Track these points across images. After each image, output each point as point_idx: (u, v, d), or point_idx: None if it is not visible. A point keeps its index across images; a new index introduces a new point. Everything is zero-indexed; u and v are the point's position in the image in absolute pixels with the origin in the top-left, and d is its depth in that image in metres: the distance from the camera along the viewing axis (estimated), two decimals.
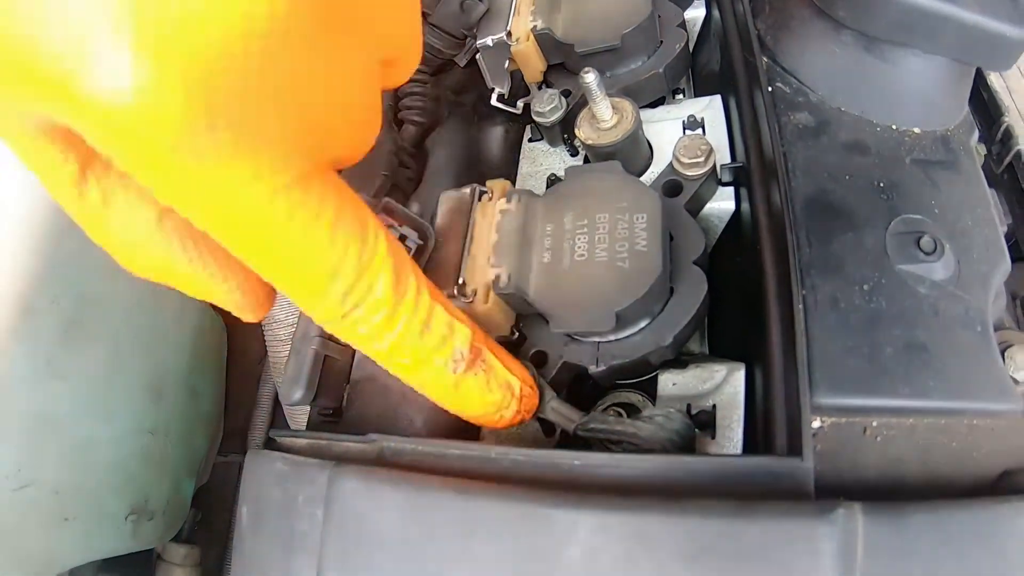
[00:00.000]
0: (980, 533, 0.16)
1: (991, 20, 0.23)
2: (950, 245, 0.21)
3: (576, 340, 0.23)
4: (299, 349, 0.27)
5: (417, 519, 0.16)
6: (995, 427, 0.20)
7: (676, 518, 0.15)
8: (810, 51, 0.25)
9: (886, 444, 0.19)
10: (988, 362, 0.20)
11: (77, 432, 0.29)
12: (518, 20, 0.34)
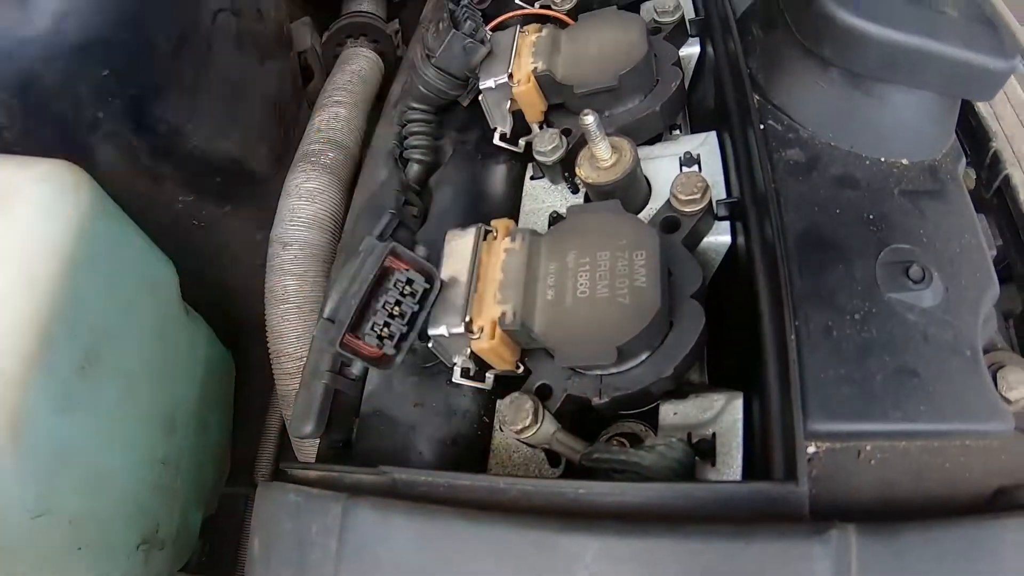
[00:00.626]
0: (974, 550, 0.17)
1: (974, 54, 0.25)
2: (938, 273, 0.23)
3: (579, 373, 0.25)
4: (309, 384, 0.29)
5: (431, 548, 0.18)
6: (988, 447, 0.22)
7: (678, 543, 0.16)
8: (799, 89, 0.28)
9: (880, 467, 0.20)
10: (978, 385, 0.21)
11: (92, 462, 0.31)
12: (519, 62, 0.37)
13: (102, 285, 0.30)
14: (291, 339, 0.39)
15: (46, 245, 0.27)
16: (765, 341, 0.22)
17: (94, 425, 0.30)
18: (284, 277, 0.39)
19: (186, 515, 0.39)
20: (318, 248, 0.41)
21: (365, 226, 0.32)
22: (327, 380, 0.28)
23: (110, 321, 0.31)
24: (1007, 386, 0.25)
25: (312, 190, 0.41)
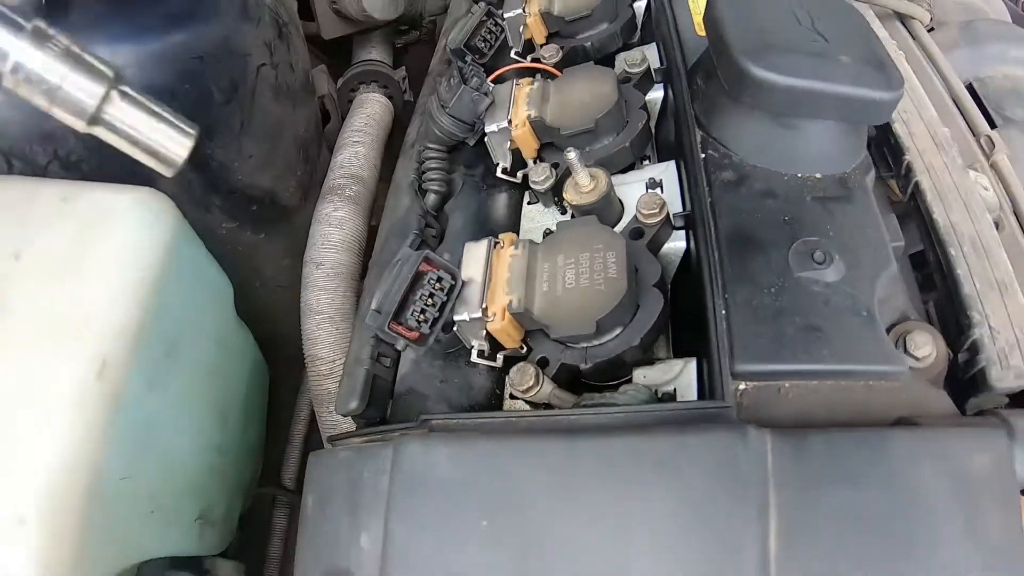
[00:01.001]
0: (868, 451, 0.25)
1: (863, 89, 0.35)
2: (841, 256, 0.32)
3: (569, 347, 0.33)
4: (352, 370, 0.37)
5: (468, 465, 0.26)
6: (889, 387, 0.30)
7: (640, 439, 0.24)
8: (730, 125, 0.38)
9: (796, 401, 0.28)
10: (872, 336, 0.30)
11: (167, 440, 0.38)
12: (516, 110, 0.47)
13: (179, 292, 0.39)
14: (324, 345, 0.46)
15: (140, 258, 0.36)
16: (707, 314, 0.30)
17: (170, 407, 0.38)
18: (318, 292, 0.47)
19: (231, 502, 0.45)
20: (346, 267, 0.50)
21: (394, 244, 0.41)
22: (367, 366, 0.36)
23: (184, 323, 0.39)
24: (915, 346, 0.33)
25: (340, 218, 0.50)
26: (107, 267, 0.34)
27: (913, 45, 0.55)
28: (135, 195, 0.37)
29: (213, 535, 0.42)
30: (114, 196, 0.36)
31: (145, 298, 0.35)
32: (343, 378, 0.37)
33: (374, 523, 0.27)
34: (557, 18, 0.55)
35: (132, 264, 0.35)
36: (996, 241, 0.39)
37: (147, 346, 0.35)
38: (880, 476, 0.25)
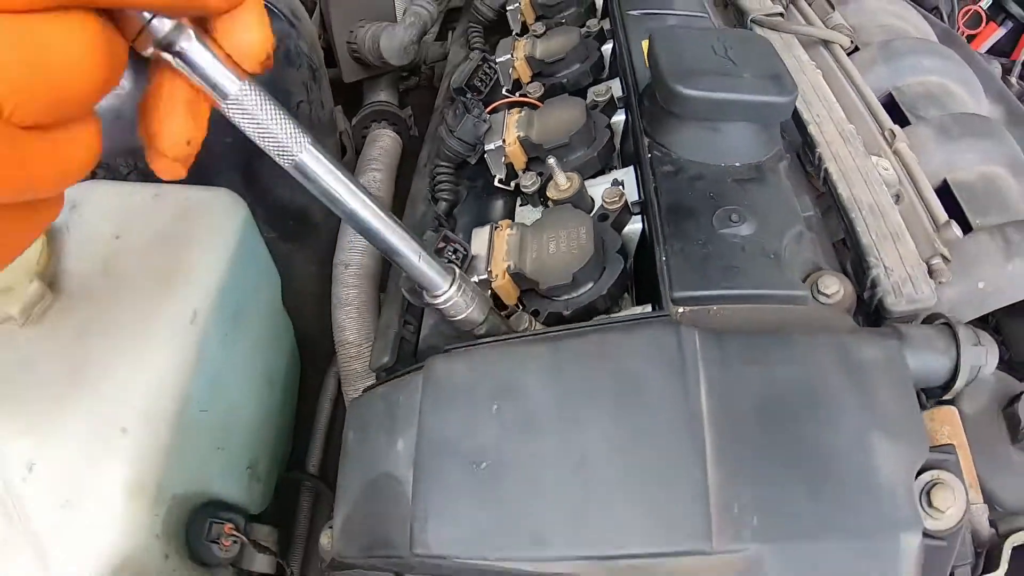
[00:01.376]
0: (777, 343, 0.36)
1: (762, 96, 0.48)
2: (754, 217, 0.44)
3: (554, 300, 0.45)
4: (384, 333, 0.48)
5: (480, 368, 0.36)
6: (797, 310, 0.41)
7: (600, 335, 0.35)
8: (668, 132, 0.51)
9: (722, 319, 0.39)
10: (779, 271, 0.41)
11: (231, 390, 0.47)
12: (508, 133, 0.61)
13: (244, 272, 0.50)
14: (352, 331, 0.58)
15: (218, 239, 0.48)
16: (654, 260, 0.42)
17: (233, 364, 0.49)
18: (347, 288, 0.59)
19: (270, 465, 0.55)
20: (368, 269, 0.62)
21: None
22: (396, 329, 0.48)
23: (246, 298, 0.50)
24: (824, 286, 0.45)
25: None
26: (194, 244, 0.46)
27: (833, 65, 0.69)
28: (215, 193, 0.50)
29: (257, 489, 0.52)
30: (198, 193, 0.49)
31: (222, 271, 0.47)
32: (375, 342, 0.49)
33: (409, 430, 0.38)
34: (539, 61, 0.69)
35: (212, 243, 0.47)
36: (891, 205, 0.51)
37: (223, 308, 0.46)
38: (786, 358, 0.36)
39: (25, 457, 0.38)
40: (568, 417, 0.34)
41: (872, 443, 0.35)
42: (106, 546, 0.37)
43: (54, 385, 0.40)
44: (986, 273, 0.54)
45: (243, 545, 0.45)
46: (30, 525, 0.36)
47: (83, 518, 0.37)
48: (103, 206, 0.47)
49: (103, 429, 0.39)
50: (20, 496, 0.37)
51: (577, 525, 0.32)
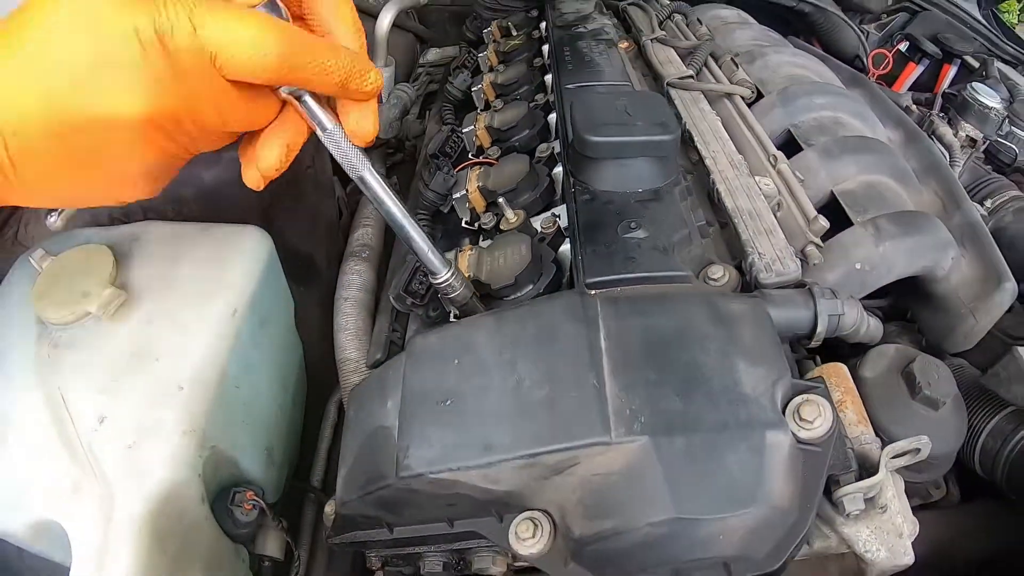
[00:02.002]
0: (657, 301, 0.52)
1: (650, 136, 0.68)
2: (650, 226, 0.62)
3: (504, 299, 0.62)
4: (377, 338, 0.65)
5: (447, 337, 0.53)
6: (683, 288, 0.58)
7: (532, 303, 0.52)
8: (585, 170, 0.70)
9: (627, 299, 0.56)
10: (667, 260, 0.58)
11: (256, 379, 0.62)
12: (471, 185, 0.80)
13: (269, 288, 0.67)
14: (351, 350, 0.74)
15: (251, 260, 0.65)
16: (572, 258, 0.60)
17: (258, 360, 0.65)
18: (346, 316, 0.76)
19: (283, 459, 0.69)
20: (364, 301, 0.79)
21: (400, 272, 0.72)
22: (387, 334, 0.64)
23: (270, 309, 0.67)
24: (711, 272, 0.62)
25: (359, 270, 0.81)
26: (233, 261, 0.64)
27: (734, 112, 0.90)
28: (248, 228, 0.69)
29: (272, 474, 0.66)
30: (236, 228, 0.68)
31: (254, 283, 0.65)
32: (370, 346, 0.65)
33: (396, 391, 0.53)
34: (496, 129, 0.91)
35: (247, 262, 0.65)
36: (766, 209, 0.69)
37: (254, 312, 0.64)
38: (666, 311, 0.52)
39: (98, 412, 0.54)
40: (506, 360, 0.50)
41: (736, 365, 0.51)
42: (160, 479, 0.52)
43: (125, 359, 0.57)
44: (861, 256, 0.71)
45: (259, 521, 0.59)
46: (99, 467, 0.51)
47: (143, 456, 0.52)
48: (160, 237, 0.66)
49: (165, 387, 0.56)
50: (90, 443, 0.52)
51: (514, 433, 0.47)
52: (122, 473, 0.51)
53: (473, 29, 1.37)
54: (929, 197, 0.91)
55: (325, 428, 0.80)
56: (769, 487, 0.46)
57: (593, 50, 1.04)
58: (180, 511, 0.53)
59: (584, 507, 0.47)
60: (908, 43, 1.47)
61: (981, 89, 1.23)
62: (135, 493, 0.51)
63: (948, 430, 0.66)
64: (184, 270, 0.63)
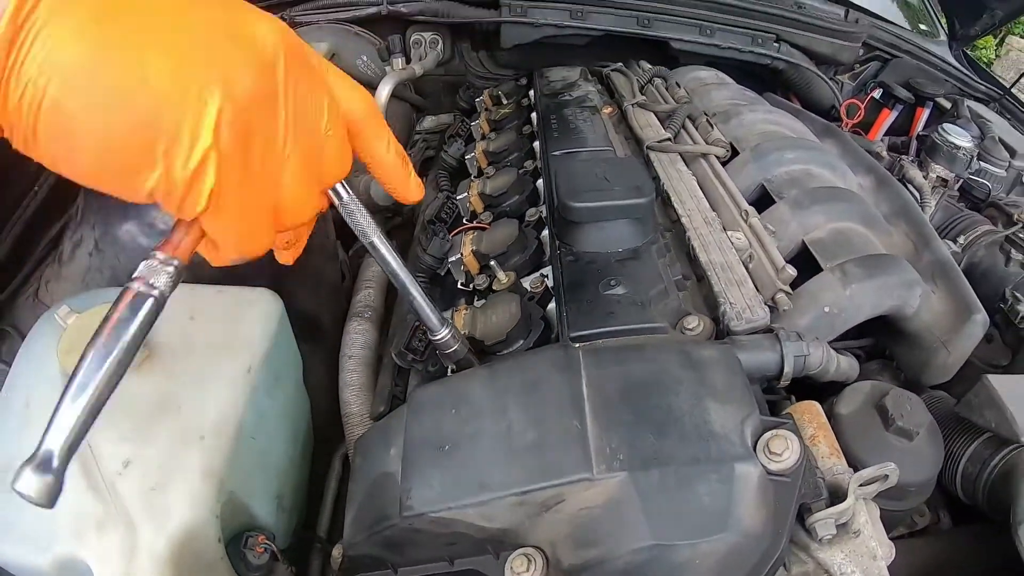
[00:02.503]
0: (634, 350, 0.61)
1: (626, 200, 0.78)
2: (627, 282, 0.72)
3: (496, 354, 0.70)
4: (381, 392, 0.74)
5: (445, 389, 0.62)
6: (660, 338, 0.67)
7: (522, 355, 0.61)
8: (570, 234, 0.81)
9: (607, 348, 0.65)
10: (644, 313, 0.68)
11: (268, 430, 0.69)
12: (465, 248, 0.91)
13: (280, 347, 0.76)
14: (355, 404, 0.83)
15: (264, 320, 0.75)
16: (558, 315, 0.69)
17: (271, 412, 0.73)
18: (351, 373, 0.85)
19: (290, 505, 0.76)
20: (366, 359, 0.88)
21: (400, 331, 0.81)
22: (390, 388, 0.73)
23: (281, 366, 0.76)
24: (687, 323, 0.71)
25: (362, 330, 0.90)
26: (247, 322, 0.73)
27: (708, 170, 1.02)
28: (261, 291, 0.79)
29: (283, 520, 0.74)
30: (249, 291, 0.78)
31: (267, 342, 0.74)
32: (375, 398, 0.74)
33: (398, 439, 0.61)
34: (488, 196, 1.03)
35: (260, 323, 0.74)
36: (737, 262, 0.79)
37: (267, 369, 0.72)
38: (642, 359, 0.61)
39: (122, 457, 0.61)
40: (498, 408, 0.58)
41: (706, 405, 0.59)
42: (181, 519, 0.59)
43: (148, 409, 0.64)
44: (829, 299, 0.80)
45: (270, 566, 0.66)
46: (123, 506, 0.58)
47: (166, 498, 0.59)
48: (178, 298, 0.75)
49: (186, 435, 0.64)
50: (115, 485, 0.60)
51: (507, 473, 0.55)
52: (145, 513, 0.59)
53: (466, 98, 1.52)
54: (900, 238, 1.01)
55: (331, 481, 0.87)
56: (739, 514, 0.54)
57: (577, 117, 1.17)
58: (199, 550, 0.60)
59: (572, 540, 0.54)
60: (881, 90, 1.62)
61: (952, 129, 1.35)
62: (157, 532, 0.58)
63: (924, 459, 0.73)
64: (202, 329, 0.73)
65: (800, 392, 0.79)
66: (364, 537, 0.59)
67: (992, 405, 0.80)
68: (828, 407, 0.76)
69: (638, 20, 1.43)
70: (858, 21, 1.61)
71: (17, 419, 0.66)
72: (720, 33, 1.45)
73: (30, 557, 0.60)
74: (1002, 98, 1.67)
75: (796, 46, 1.49)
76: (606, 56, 1.47)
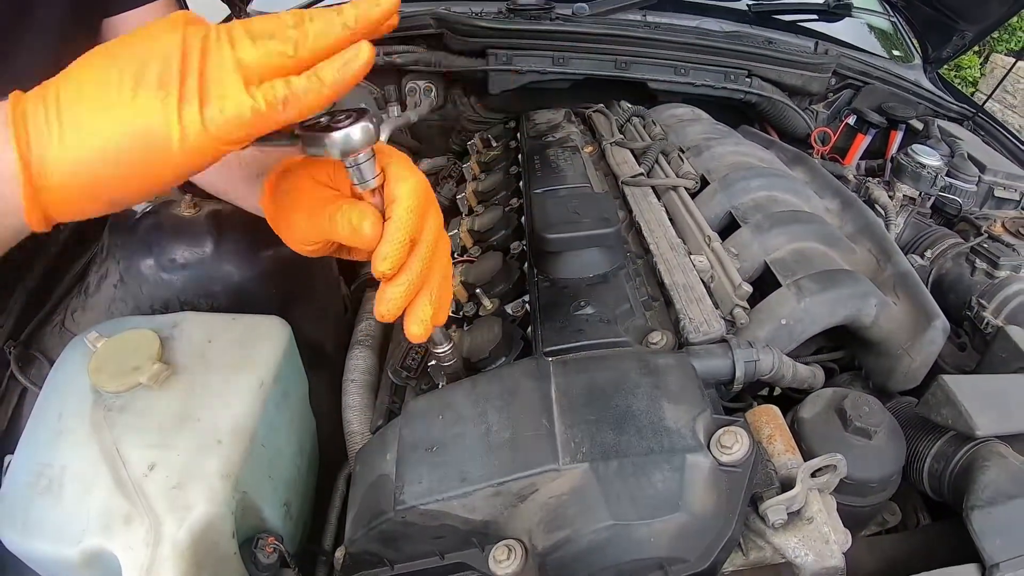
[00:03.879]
0: (598, 360, 0.72)
1: (594, 231, 0.90)
2: (597, 305, 0.83)
3: (482, 370, 0.81)
4: (379, 407, 0.84)
5: (433, 399, 0.72)
6: (624, 352, 0.78)
7: (500, 369, 0.72)
8: (544, 262, 0.93)
9: (578, 361, 0.76)
10: (611, 329, 0.79)
11: (278, 441, 0.79)
12: (455, 279, 1.04)
13: (289, 368, 0.87)
14: (357, 423, 0.93)
15: (275, 342, 0.86)
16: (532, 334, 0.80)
17: (280, 425, 0.83)
18: (353, 395, 0.96)
19: (297, 513, 0.86)
20: (367, 383, 1.00)
21: (396, 351, 0.93)
22: (388, 403, 0.84)
23: (290, 384, 0.87)
24: (651, 338, 0.82)
25: (362, 357, 1.02)
26: (260, 343, 0.85)
27: (678, 201, 1.14)
28: (272, 318, 0.90)
29: (290, 526, 0.83)
30: (260, 318, 0.90)
31: (278, 361, 0.85)
32: (374, 413, 0.84)
33: (393, 445, 0.72)
34: (477, 232, 1.16)
35: (271, 344, 0.86)
36: (698, 282, 0.90)
37: (277, 384, 0.83)
38: (604, 367, 0.72)
39: (148, 461, 0.72)
40: (479, 412, 0.69)
41: (661, 405, 0.69)
42: (200, 512, 0.69)
43: (171, 420, 0.75)
44: (786, 312, 0.91)
45: (278, 567, 0.75)
46: (148, 503, 0.68)
47: (187, 494, 0.69)
48: (196, 324, 0.88)
49: (205, 440, 0.74)
50: (140, 485, 0.70)
51: (485, 467, 0.65)
52: (168, 508, 0.69)
53: (458, 141, 1.67)
54: (863, 255, 1.11)
55: (335, 499, 0.97)
56: (690, 498, 0.63)
57: (559, 157, 1.30)
58: (215, 542, 0.71)
59: (544, 525, 0.64)
60: (855, 116, 1.75)
61: (920, 150, 1.47)
62: (179, 524, 0.69)
63: (883, 456, 0.82)
64: (218, 350, 0.84)
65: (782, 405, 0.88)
66: (363, 533, 0.69)
67: (948, 403, 0.88)
68: (793, 413, 0.86)
69: (616, 63, 1.58)
70: (828, 52, 1.75)
71: (51, 430, 0.77)
72: (694, 72, 1.59)
73: (60, 551, 0.70)
74: (975, 116, 1.79)
75: (767, 80, 1.62)
76: (589, 97, 1.62)
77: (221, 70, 0.43)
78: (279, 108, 0.44)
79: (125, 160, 0.43)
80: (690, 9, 1.83)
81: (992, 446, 0.82)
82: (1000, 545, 0.68)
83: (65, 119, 0.42)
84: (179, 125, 0.42)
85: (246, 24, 0.45)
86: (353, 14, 0.46)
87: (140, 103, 0.42)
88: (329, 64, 0.45)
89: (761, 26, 1.87)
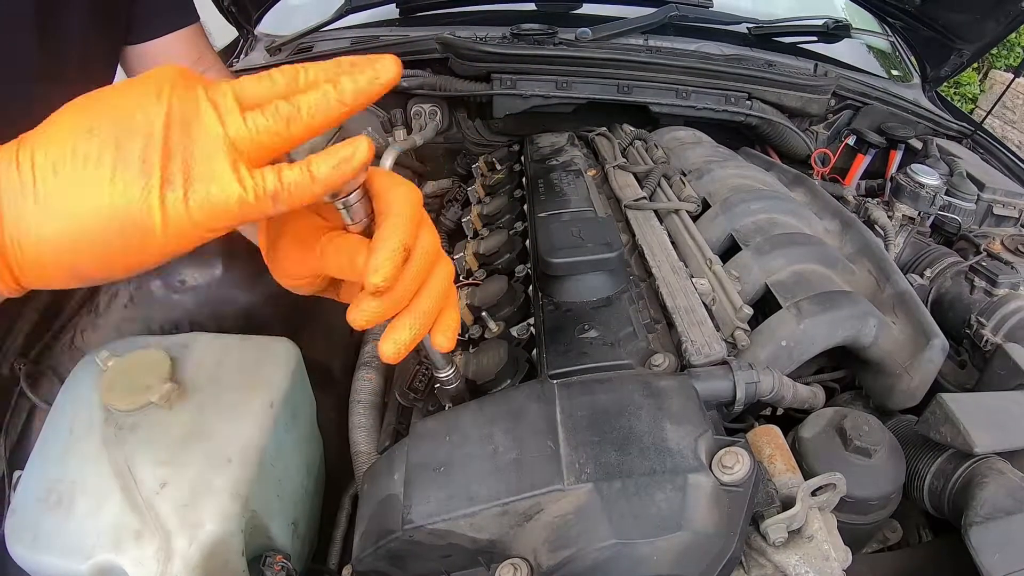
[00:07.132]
0: (602, 383, 0.75)
1: (597, 255, 0.94)
2: (601, 328, 0.86)
3: (488, 392, 0.85)
4: (386, 428, 0.87)
5: (440, 421, 0.75)
6: (627, 374, 0.81)
7: (507, 390, 0.75)
8: (549, 286, 0.96)
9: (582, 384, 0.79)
10: (614, 352, 0.82)
11: (286, 461, 0.82)
12: (460, 302, 1.07)
13: (297, 389, 0.90)
14: (364, 443, 0.96)
15: (284, 363, 0.90)
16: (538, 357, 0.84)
17: (289, 445, 0.86)
18: (359, 416, 0.99)
19: (304, 532, 0.89)
20: (373, 404, 1.03)
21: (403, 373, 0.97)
22: (395, 425, 0.87)
23: (298, 405, 0.90)
24: (654, 360, 0.85)
25: (369, 378, 1.05)
26: (269, 365, 0.88)
27: (680, 224, 1.18)
28: (281, 340, 0.94)
29: (297, 545, 0.86)
30: (269, 339, 0.93)
31: (287, 382, 0.88)
32: (381, 435, 0.88)
33: (401, 465, 0.75)
34: (482, 255, 1.20)
35: (281, 365, 0.89)
36: (699, 305, 0.94)
37: (286, 405, 0.86)
38: (607, 389, 0.75)
39: (159, 478, 0.74)
40: (485, 434, 0.72)
41: (663, 426, 0.72)
42: (210, 531, 0.71)
43: (181, 438, 0.78)
44: (786, 334, 0.94)
45: (287, 574, 0.78)
46: (159, 520, 0.71)
47: (198, 512, 0.72)
48: (206, 345, 0.91)
49: (216, 459, 0.77)
50: (152, 502, 0.72)
51: (492, 487, 0.68)
52: (179, 525, 0.72)
53: (463, 164, 1.72)
54: (863, 275, 1.15)
55: (340, 518, 1.00)
56: (692, 516, 0.66)
57: (563, 180, 1.35)
58: (224, 560, 0.73)
59: (549, 544, 0.66)
60: (855, 137, 1.79)
61: (919, 169, 1.51)
62: (190, 541, 0.71)
63: (883, 475, 0.85)
64: (229, 370, 0.88)
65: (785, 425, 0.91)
66: (371, 551, 0.71)
67: (947, 421, 0.91)
68: (794, 432, 0.89)
69: (618, 87, 1.63)
70: (827, 73, 1.80)
71: (62, 444, 0.81)
72: (695, 95, 1.64)
73: (70, 565, 0.72)
74: (974, 134, 1.83)
75: (768, 102, 1.67)
76: (593, 120, 1.67)
77: (208, 151, 0.41)
78: (268, 202, 0.43)
79: (101, 242, 0.41)
80: (691, 33, 1.88)
81: (991, 463, 0.84)
82: (998, 560, 0.70)
83: (40, 193, 0.40)
84: (161, 211, 0.40)
85: (237, 90, 0.43)
86: (351, 90, 0.43)
87: (120, 187, 0.40)
88: (325, 161, 0.44)
89: (761, 49, 1.93)
